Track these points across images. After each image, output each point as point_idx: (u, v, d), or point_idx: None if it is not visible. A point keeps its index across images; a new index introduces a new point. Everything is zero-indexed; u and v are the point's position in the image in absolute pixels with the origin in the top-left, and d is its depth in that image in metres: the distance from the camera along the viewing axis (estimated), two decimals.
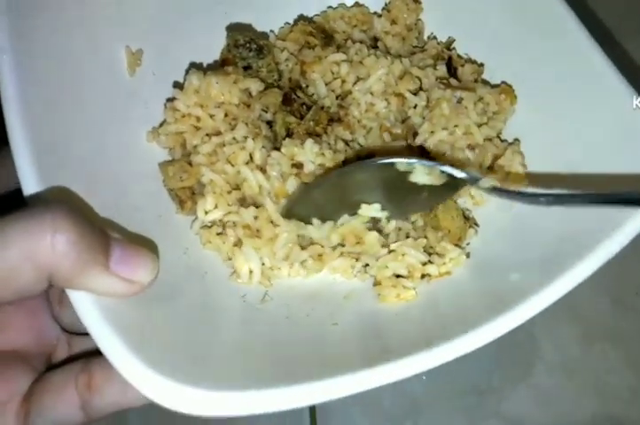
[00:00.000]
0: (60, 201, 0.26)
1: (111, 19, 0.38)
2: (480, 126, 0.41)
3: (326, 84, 0.42)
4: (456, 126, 0.41)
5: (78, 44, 0.36)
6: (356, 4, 0.49)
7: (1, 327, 0.29)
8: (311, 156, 0.36)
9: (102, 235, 0.26)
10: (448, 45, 0.48)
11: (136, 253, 0.27)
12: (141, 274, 0.27)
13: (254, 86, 0.38)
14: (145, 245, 0.29)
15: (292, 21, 0.48)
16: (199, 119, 0.37)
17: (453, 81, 0.43)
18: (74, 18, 0.36)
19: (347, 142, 0.40)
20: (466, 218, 0.41)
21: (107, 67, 0.38)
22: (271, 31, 0.47)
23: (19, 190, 0.29)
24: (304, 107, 0.41)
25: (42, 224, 0.24)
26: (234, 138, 0.37)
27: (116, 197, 0.34)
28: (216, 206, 0.37)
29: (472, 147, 0.40)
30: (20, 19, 0.33)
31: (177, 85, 0.39)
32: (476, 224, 0.41)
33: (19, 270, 0.24)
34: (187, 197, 0.36)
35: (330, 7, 0.49)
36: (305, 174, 0.36)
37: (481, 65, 0.45)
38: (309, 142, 0.37)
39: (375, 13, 0.49)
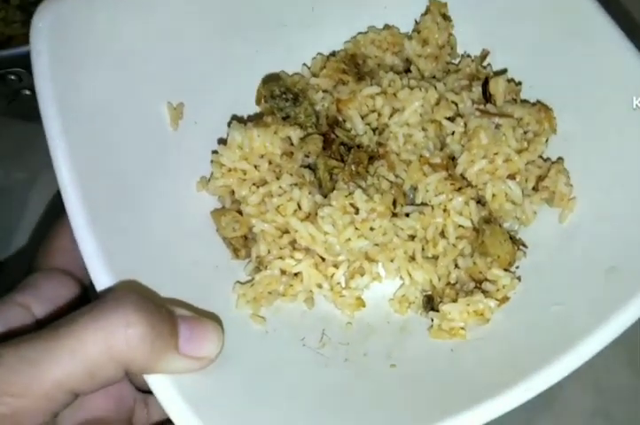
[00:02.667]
0: (128, 291, 0.29)
1: (150, 76, 0.40)
2: (520, 152, 0.41)
3: (363, 117, 0.43)
4: (495, 154, 0.41)
5: (121, 105, 0.38)
6: (386, 27, 0.50)
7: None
8: (362, 204, 0.38)
9: (169, 317, 0.29)
10: (483, 58, 0.48)
11: (202, 329, 0.30)
12: (208, 350, 0.30)
13: (295, 134, 0.40)
14: (209, 316, 0.31)
15: (323, 51, 0.49)
16: (244, 171, 0.39)
17: (490, 107, 0.43)
18: (114, 78, 0.38)
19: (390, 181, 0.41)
20: (513, 240, 0.41)
21: (151, 124, 0.40)
22: (304, 64, 0.48)
23: None
24: (344, 147, 0.42)
25: (116, 320, 0.27)
26: (281, 187, 0.39)
27: (175, 254, 0.37)
28: (269, 252, 0.39)
29: (512, 176, 0.41)
30: (64, 85, 0.35)
31: (221, 141, 0.41)
32: (524, 245, 0.42)
33: (100, 365, 0.27)
34: (241, 246, 0.39)
35: (360, 33, 0.49)
36: (360, 223, 0.38)
37: (519, 83, 0.45)
38: (358, 192, 0.38)
39: (406, 34, 0.49)
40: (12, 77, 0.45)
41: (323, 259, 0.40)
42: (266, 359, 0.34)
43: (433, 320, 0.39)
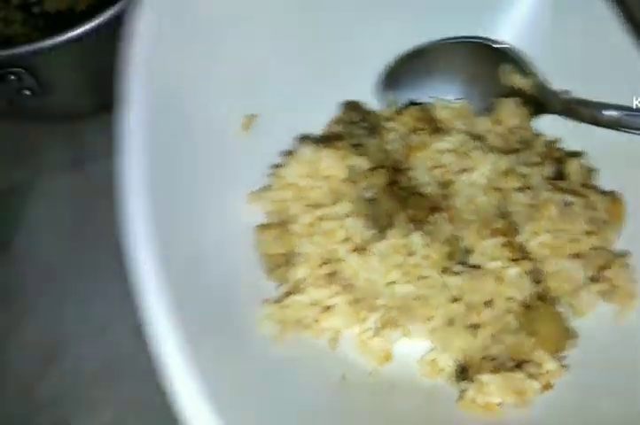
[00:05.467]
0: None
1: (235, 80, 0.41)
2: (588, 234, 0.40)
3: (429, 170, 0.43)
4: (562, 230, 0.40)
5: (198, 99, 0.38)
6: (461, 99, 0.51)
7: None
8: (418, 248, 0.37)
9: None
10: (554, 143, 0.49)
11: None
12: None
13: (362, 164, 0.40)
14: None
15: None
16: (303, 189, 0.39)
17: (562, 184, 0.43)
18: (201, 68, 0.38)
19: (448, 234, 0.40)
20: (566, 327, 0.39)
21: (220, 127, 0.40)
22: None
23: None
24: (406, 191, 0.41)
25: None
26: (336, 213, 0.38)
27: (205, 258, 0.35)
28: (306, 278, 0.37)
29: (576, 255, 0.39)
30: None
31: (287, 153, 0.41)
32: (576, 336, 0.40)
33: None
34: (276, 265, 0.37)
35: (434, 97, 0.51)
36: (411, 267, 0.36)
37: (592, 170, 0.45)
38: (417, 234, 0.37)
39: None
40: (12, 77, 0.44)
41: (359, 301, 0.38)
42: (280, 385, 0.31)
43: (464, 390, 0.35)
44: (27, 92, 0.45)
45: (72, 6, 0.52)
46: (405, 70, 0.50)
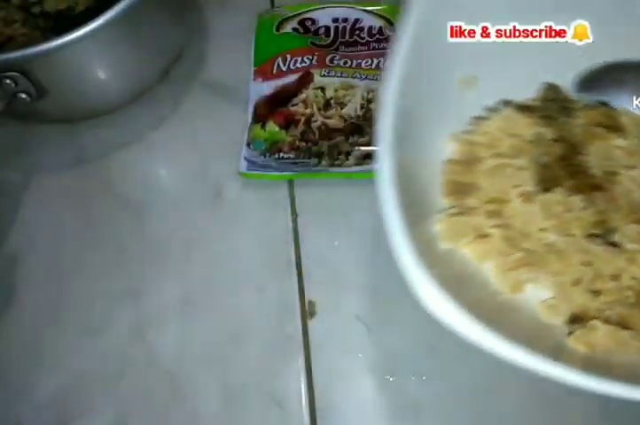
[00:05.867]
0: None
1: (471, 47, 0.49)
2: None
3: (601, 159, 0.50)
4: None
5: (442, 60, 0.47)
6: None
7: None
8: (576, 209, 0.44)
9: None
10: None
11: None
12: None
13: (547, 134, 0.48)
14: None
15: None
16: (495, 139, 0.48)
17: None
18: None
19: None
20: None
21: (448, 80, 0.49)
22: None
23: None
24: (575, 168, 0.48)
25: None
26: (514, 164, 0.46)
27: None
28: (474, 208, 0.45)
29: None
30: None
31: (491, 109, 0.50)
32: None
33: None
34: (455, 191, 0.45)
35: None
36: (565, 222, 0.44)
37: None
38: (579, 198, 0.45)
39: None
40: (8, 81, 0.44)
41: (509, 240, 0.45)
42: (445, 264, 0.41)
43: (574, 330, 0.42)
44: (24, 96, 0.46)
45: (72, 6, 0.52)
46: (602, 76, 0.56)
